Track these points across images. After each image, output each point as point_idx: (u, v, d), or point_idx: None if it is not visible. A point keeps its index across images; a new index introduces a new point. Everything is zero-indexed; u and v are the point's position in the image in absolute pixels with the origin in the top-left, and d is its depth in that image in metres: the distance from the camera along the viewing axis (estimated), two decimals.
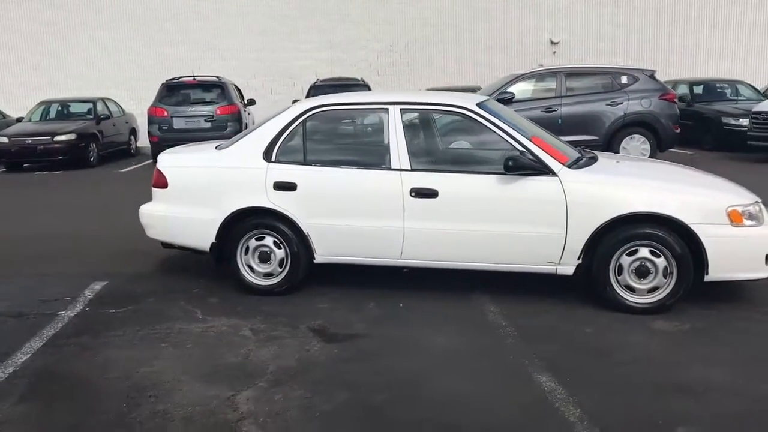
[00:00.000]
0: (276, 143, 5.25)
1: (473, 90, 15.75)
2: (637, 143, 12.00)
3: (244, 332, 4.55)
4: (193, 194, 5.38)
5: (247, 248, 5.29)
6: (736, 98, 16.17)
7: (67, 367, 4.03)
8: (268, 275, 5.31)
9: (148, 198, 5.74)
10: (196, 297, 5.32)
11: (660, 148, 12.07)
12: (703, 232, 4.56)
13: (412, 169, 4.98)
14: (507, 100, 11.72)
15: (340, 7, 20.79)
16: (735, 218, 4.59)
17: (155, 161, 5.67)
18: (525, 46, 21.57)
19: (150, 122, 14.58)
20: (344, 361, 4.05)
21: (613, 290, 4.75)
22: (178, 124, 14.41)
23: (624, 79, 12.13)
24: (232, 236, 5.28)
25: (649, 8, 21.62)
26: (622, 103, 11.93)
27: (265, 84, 20.29)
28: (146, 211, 5.64)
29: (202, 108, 14.63)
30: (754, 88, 16.80)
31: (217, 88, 14.99)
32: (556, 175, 4.77)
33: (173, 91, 14.92)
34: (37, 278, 5.89)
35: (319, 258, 5.23)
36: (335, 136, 5.47)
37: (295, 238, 5.17)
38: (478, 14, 21.28)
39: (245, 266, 5.33)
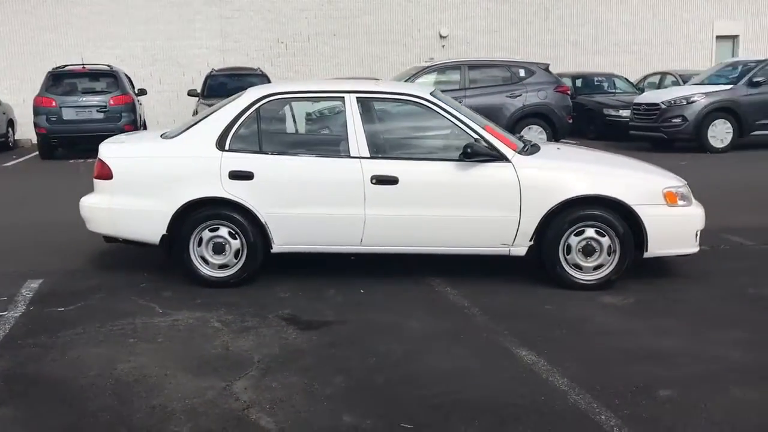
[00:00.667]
0: (229, 131, 5.17)
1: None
2: (534, 133, 12.63)
3: (213, 324, 4.48)
4: (141, 185, 5.20)
5: (200, 240, 5.18)
6: (614, 90, 17.36)
7: (37, 369, 3.82)
8: (222, 267, 5.22)
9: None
10: (147, 291, 5.15)
11: (555, 137, 12.77)
12: (644, 213, 4.95)
13: (371, 157, 5.07)
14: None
15: None
16: (670, 199, 5.01)
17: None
18: (415, 39, 22.00)
19: (36, 113, 13.68)
20: (328, 346, 4.09)
21: (563, 269, 5.06)
22: (68, 114, 13.62)
23: (522, 73, 12.75)
24: (183, 228, 5.16)
25: (536, 3, 22.62)
26: (520, 95, 12.54)
27: (154, 74, 19.52)
28: (88, 203, 5.38)
29: (93, 98, 13.91)
30: (629, 81, 18.10)
31: (109, 77, 14.31)
32: (510, 162, 5.01)
33: (60, 80, 14.09)
34: None
35: (277, 248, 5.21)
36: (290, 124, 5.45)
37: (252, 228, 5.12)
38: (367, 6, 21.48)
39: (198, 258, 5.21)
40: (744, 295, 4.95)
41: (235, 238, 5.17)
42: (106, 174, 5.24)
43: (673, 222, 5.02)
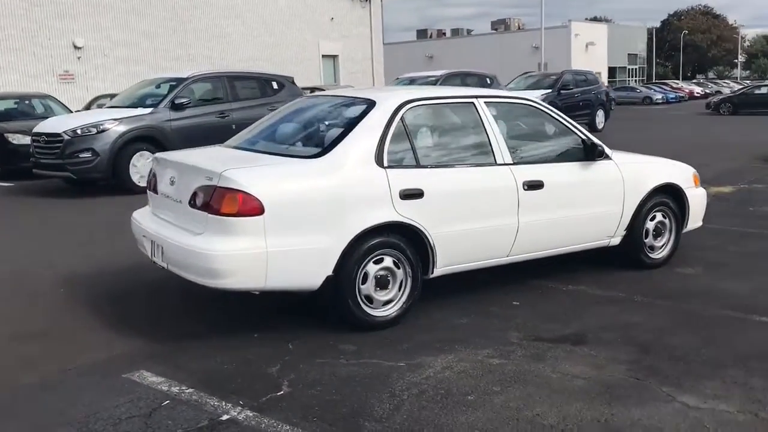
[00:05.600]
0: (383, 145, 4.41)
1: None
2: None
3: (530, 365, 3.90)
4: (300, 219, 4.07)
5: (365, 275, 4.32)
6: (44, 114, 13.41)
7: None
8: (386, 303, 4.44)
9: None
10: (330, 349, 4.09)
11: None
12: (689, 194, 5.89)
13: (515, 163, 4.92)
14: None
15: None
16: (696, 181, 6.06)
17: None
18: (47, 48, 19.20)
19: None
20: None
21: (645, 253, 5.70)
22: None
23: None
24: (348, 264, 4.23)
25: (167, 18, 21.75)
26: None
27: None
28: (225, 250, 3.91)
29: None
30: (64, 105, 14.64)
31: None
32: (612, 159, 5.42)
33: None
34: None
35: (437, 271, 4.65)
36: (433, 132, 4.83)
37: (414, 254, 4.49)
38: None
39: (363, 297, 4.33)
40: None
41: (399, 268, 4.45)
42: (251, 209, 3.92)
43: (700, 200, 6.08)
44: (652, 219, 5.68)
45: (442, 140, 4.88)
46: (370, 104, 4.58)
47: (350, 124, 4.48)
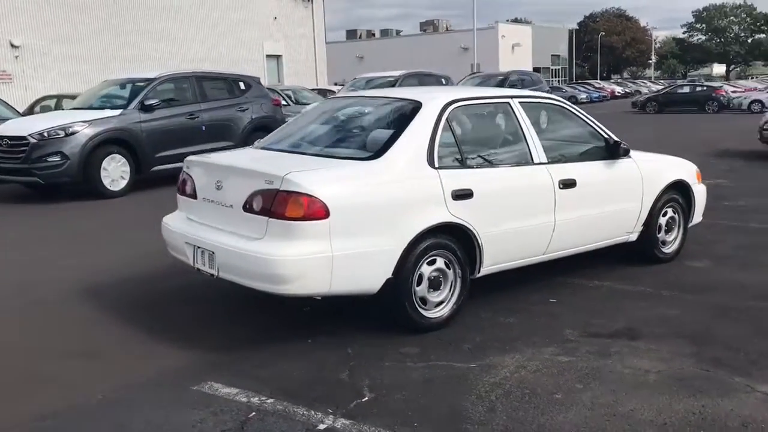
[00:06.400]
0: (433, 145, 4.39)
1: None
2: None
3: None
4: (363, 221, 4.01)
5: (420, 277, 4.29)
6: None
7: None
8: (438, 304, 4.43)
9: None
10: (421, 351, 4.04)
11: None
12: (695, 190, 6.11)
13: (549, 162, 4.98)
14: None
15: None
16: (699, 178, 6.28)
17: None
18: None
19: None
20: None
21: (659, 248, 5.87)
22: None
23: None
24: (406, 266, 4.19)
25: (106, 16, 21.02)
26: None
27: None
28: (293, 255, 3.80)
29: None
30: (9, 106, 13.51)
31: None
32: (631, 157, 5.56)
33: None
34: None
35: (483, 271, 4.66)
36: (475, 133, 4.82)
37: (464, 254, 4.49)
38: None
39: (418, 300, 4.31)
40: None
41: (449, 269, 4.44)
42: (317, 213, 3.83)
43: (702, 196, 6.31)
44: (665, 215, 5.86)
45: (484, 140, 4.90)
46: (417, 105, 4.54)
47: (400, 126, 4.43)
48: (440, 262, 4.37)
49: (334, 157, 4.40)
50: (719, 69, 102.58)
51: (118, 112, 10.29)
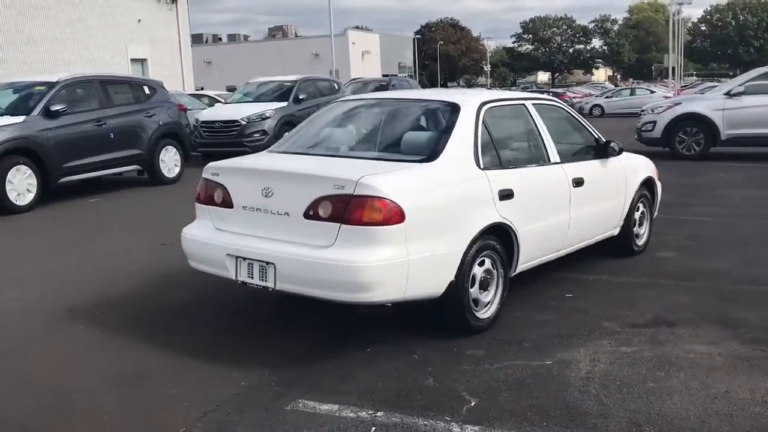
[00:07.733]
0: (477, 147, 4.40)
1: None
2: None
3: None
4: (432, 223, 3.95)
5: (473, 278, 4.28)
6: None
7: None
8: (486, 305, 4.44)
9: None
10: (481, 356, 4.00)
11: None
12: (658, 185, 6.55)
13: (562, 161, 5.15)
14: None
15: None
16: (657, 175, 6.72)
17: None
18: None
19: None
20: None
21: (634, 240, 6.23)
22: None
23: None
24: (464, 267, 4.17)
25: None
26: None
27: None
28: (377, 261, 3.63)
29: None
30: None
31: None
32: (618, 155, 5.85)
33: None
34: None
35: (518, 269, 4.73)
36: (504, 133, 4.83)
37: (505, 254, 4.55)
38: None
39: (472, 301, 4.29)
40: None
41: (494, 269, 4.47)
42: (394, 216, 3.71)
43: (660, 191, 6.77)
44: (638, 210, 6.23)
45: (512, 140, 4.98)
46: (455, 106, 4.53)
47: (447, 127, 4.40)
48: (488, 263, 4.39)
49: (389, 160, 4.28)
50: (543, 77, 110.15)
51: (20, 118, 9.33)
